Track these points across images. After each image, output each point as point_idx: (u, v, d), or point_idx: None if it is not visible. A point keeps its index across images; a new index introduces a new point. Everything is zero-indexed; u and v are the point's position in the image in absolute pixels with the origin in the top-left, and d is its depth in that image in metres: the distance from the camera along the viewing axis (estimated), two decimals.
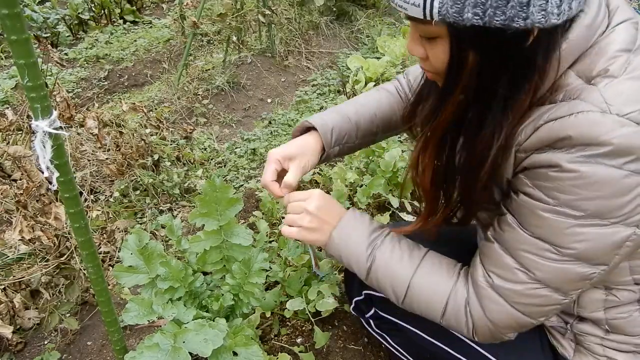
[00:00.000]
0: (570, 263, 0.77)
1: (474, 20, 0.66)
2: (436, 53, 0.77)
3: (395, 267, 0.95)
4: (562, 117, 0.72)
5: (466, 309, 0.89)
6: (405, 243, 0.99)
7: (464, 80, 0.75)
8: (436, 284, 0.92)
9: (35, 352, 1.69)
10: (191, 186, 2.55)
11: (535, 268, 0.80)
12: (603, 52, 0.74)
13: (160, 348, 1.07)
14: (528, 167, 0.78)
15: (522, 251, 0.80)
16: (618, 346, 0.92)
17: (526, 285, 0.81)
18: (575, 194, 0.72)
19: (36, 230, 1.61)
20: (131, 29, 5.15)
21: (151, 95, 3.61)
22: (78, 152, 2.47)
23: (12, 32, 0.73)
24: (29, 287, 1.66)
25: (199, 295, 1.40)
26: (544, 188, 0.75)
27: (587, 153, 0.69)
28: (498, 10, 0.65)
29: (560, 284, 0.80)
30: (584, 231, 0.73)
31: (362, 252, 0.98)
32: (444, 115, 0.81)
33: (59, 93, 1.88)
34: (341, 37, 4.67)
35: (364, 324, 1.29)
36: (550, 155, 0.73)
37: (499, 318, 0.85)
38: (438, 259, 0.96)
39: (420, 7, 0.69)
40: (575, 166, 0.70)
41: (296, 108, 3.54)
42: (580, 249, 0.75)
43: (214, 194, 1.30)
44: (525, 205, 0.79)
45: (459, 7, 0.66)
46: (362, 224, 1.01)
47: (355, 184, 2.20)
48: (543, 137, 0.74)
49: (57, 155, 0.86)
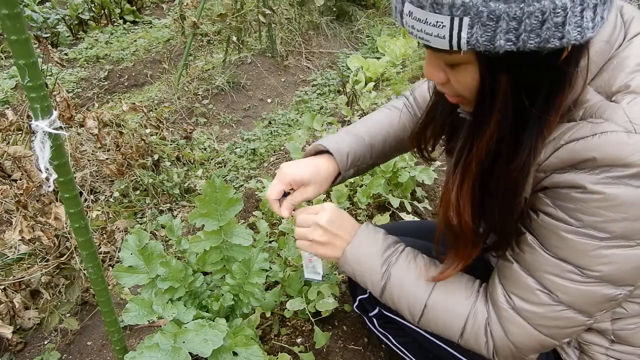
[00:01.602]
0: (595, 285, 0.74)
1: (507, 46, 0.61)
2: (462, 79, 0.72)
3: (410, 286, 0.92)
4: (584, 137, 0.69)
5: (486, 329, 0.86)
6: (422, 260, 0.96)
7: (498, 105, 0.70)
8: (454, 304, 0.89)
9: (35, 352, 1.69)
10: (191, 186, 2.56)
11: (558, 290, 0.77)
12: (622, 66, 0.71)
13: (160, 348, 1.07)
14: (549, 186, 0.75)
15: (544, 272, 0.78)
16: (622, 356, 0.91)
17: (549, 307, 0.79)
18: (600, 215, 0.69)
19: (36, 230, 1.61)
20: (131, 29, 5.15)
21: (151, 95, 3.62)
22: (78, 152, 2.47)
23: (12, 32, 0.73)
24: (29, 287, 1.66)
25: (199, 295, 1.40)
26: (566, 209, 0.72)
27: (613, 174, 0.66)
28: (532, 34, 0.60)
29: (585, 306, 0.77)
30: (610, 253, 0.71)
31: (377, 269, 0.95)
32: (480, 145, 0.75)
33: (59, 93, 1.89)
34: (341, 37, 4.67)
35: (367, 322, 1.28)
36: (572, 175, 0.70)
37: (521, 340, 0.83)
38: (457, 277, 0.93)
39: (445, 38, 0.63)
40: (600, 187, 0.67)
41: (296, 108, 3.55)
42: (605, 271, 0.72)
43: (214, 194, 1.30)
44: (547, 226, 0.76)
45: (490, 35, 0.60)
46: (377, 239, 0.98)
47: (355, 184, 2.20)
48: (564, 158, 0.71)
49: (57, 155, 0.86)
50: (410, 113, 1.22)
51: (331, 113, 3.33)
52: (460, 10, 0.60)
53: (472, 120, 0.77)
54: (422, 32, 0.65)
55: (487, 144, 0.74)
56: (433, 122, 0.98)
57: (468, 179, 0.80)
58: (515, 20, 0.59)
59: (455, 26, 0.61)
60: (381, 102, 3.03)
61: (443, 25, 0.62)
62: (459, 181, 0.82)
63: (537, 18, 0.58)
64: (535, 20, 0.59)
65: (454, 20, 0.61)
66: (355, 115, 2.92)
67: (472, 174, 0.79)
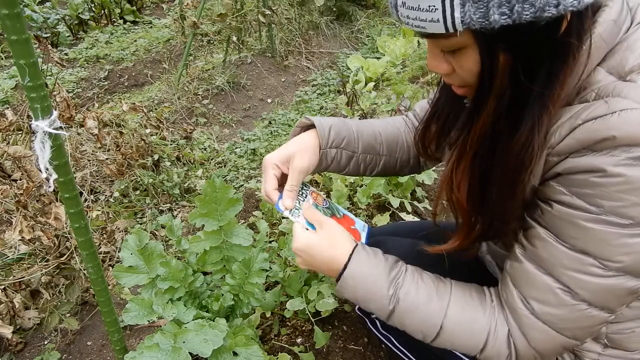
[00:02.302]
0: (617, 278, 0.71)
1: (502, 20, 0.60)
2: (464, 64, 0.71)
3: (423, 308, 0.87)
4: (602, 115, 0.66)
5: (509, 343, 0.83)
6: (428, 278, 0.91)
7: (497, 85, 0.69)
8: (471, 324, 0.85)
9: (35, 352, 1.69)
10: (191, 186, 2.56)
11: (579, 287, 0.73)
12: (633, 47, 0.70)
13: (160, 348, 1.07)
14: (562, 172, 0.72)
15: (562, 268, 0.74)
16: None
17: (570, 307, 0.75)
18: (622, 200, 0.66)
19: (36, 230, 1.61)
20: (131, 29, 5.16)
21: (151, 95, 3.62)
22: (78, 152, 2.47)
23: (12, 32, 0.73)
24: (29, 287, 1.66)
25: (199, 295, 1.40)
26: (584, 195, 0.69)
27: (633, 155, 0.64)
28: (526, 4, 0.59)
29: (607, 302, 0.74)
30: (633, 242, 0.68)
31: (384, 293, 0.88)
32: (478, 126, 0.74)
33: (59, 93, 1.88)
34: (341, 37, 4.68)
35: (368, 323, 1.28)
36: (590, 159, 0.67)
37: (544, 346, 0.80)
38: (467, 291, 0.89)
39: (440, 22, 0.63)
40: (621, 169, 0.64)
41: (296, 108, 3.55)
42: (627, 261, 0.69)
43: (214, 194, 1.30)
44: (563, 216, 0.72)
45: (483, 11, 0.60)
46: (378, 260, 0.91)
47: (355, 184, 2.20)
48: (582, 139, 0.68)
49: (57, 155, 0.86)
50: (408, 125, 1.20)
51: (331, 113, 3.33)
52: None
53: (472, 101, 0.76)
54: (417, 19, 0.66)
55: (485, 123, 0.74)
56: (437, 117, 0.97)
57: (465, 158, 0.79)
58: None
59: (447, 7, 0.62)
60: (381, 102, 3.03)
61: (435, 8, 0.63)
62: (455, 160, 0.81)
63: None
64: None
65: (445, 1, 0.61)
66: (355, 115, 2.92)
67: (469, 154, 0.78)
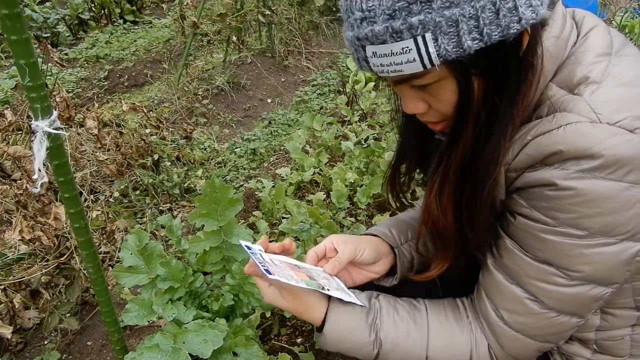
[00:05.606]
0: (581, 286, 0.73)
1: (475, 45, 0.63)
2: (442, 97, 0.72)
3: (404, 344, 0.87)
4: (549, 131, 0.69)
5: (491, 355, 0.86)
6: (403, 309, 0.90)
7: (474, 110, 0.71)
8: (451, 344, 0.86)
9: (35, 352, 1.69)
10: (191, 186, 2.56)
11: (545, 296, 0.76)
12: (580, 59, 0.72)
13: (160, 349, 1.07)
14: (521, 187, 0.74)
15: (528, 277, 0.76)
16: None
17: (539, 315, 0.77)
18: (575, 212, 0.68)
19: (36, 230, 1.61)
20: (131, 29, 5.15)
21: (151, 95, 3.62)
22: (78, 152, 2.47)
23: (12, 32, 0.73)
24: (29, 287, 1.66)
25: (199, 296, 1.40)
26: (541, 208, 0.71)
27: (582, 167, 0.66)
28: (493, 25, 0.62)
29: (574, 309, 0.76)
30: (590, 252, 0.69)
31: (365, 340, 0.87)
32: (456, 153, 0.76)
33: (59, 93, 1.88)
34: (341, 37, 4.67)
35: None
36: (542, 172, 0.69)
37: (520, 352, 0.83)
38: (442, 313, 0.90)
39: (416, 60, 0.64)
40: (571, 183, 0.66)
41: (296, 108, 3.55)
42: (588, 270, 0.71)
43: (214, 195, 1.30)
44: (524, 228, 0.75)
45: (455, 40, 0.62)
46: (352, 308, 0.88)
47: (355, 184, 2.20)
48: (532, 154, 0.71)
49: (57, 155, 0.86)
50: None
51: (331, 113, 3.33)
52: (419, 28, 0.62)
53: (450, 131, 0.77)
54: (392, 64, 0.66)
55: (464, 147, 0.75)
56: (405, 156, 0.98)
57: (448, 185, 0.80)
58: (472, 18, 0.62)
59: (420, 45, 0.63)
60: (381, 102, 3.03)
61: (409, 49, 0.64)
62: (436, 188, 0.82)
63: (490, 10, 0.62)
64: (490, 13, 0.62)
65: (417, 40, 0.63)
66: (355, 115, 2.92)
67: (451, 180, 0.79)
